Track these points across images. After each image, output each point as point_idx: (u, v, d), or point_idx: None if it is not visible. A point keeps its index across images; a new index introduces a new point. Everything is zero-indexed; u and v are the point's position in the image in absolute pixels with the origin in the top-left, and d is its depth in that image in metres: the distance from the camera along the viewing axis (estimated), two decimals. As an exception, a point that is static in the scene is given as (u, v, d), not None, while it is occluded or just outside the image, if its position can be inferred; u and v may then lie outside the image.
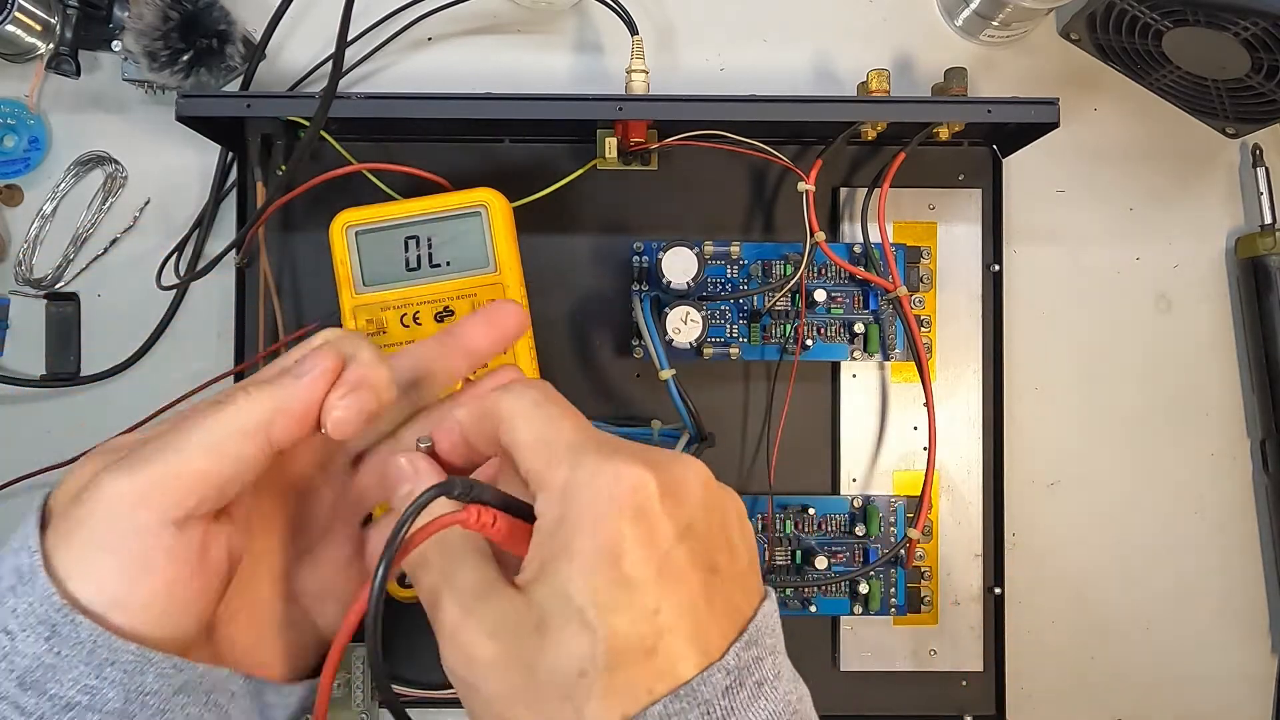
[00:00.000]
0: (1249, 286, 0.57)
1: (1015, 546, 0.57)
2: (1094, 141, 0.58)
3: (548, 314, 0.54)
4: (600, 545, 0.25)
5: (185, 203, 0.56)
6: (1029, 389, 0.57)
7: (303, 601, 0.33)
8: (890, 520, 0.54)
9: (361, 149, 0.52)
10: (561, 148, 0.55)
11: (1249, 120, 0.56)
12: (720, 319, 0.53)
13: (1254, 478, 0.58)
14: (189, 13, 0.52)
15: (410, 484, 0.30)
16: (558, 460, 0.26)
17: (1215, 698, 0.58)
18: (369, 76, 0.57)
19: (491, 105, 0.48)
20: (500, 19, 0.57)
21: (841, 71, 0.58)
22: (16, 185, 0.56)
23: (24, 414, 0.56)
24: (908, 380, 0.55)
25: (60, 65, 0.54)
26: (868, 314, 0.53)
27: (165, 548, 0.27)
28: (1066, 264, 0.58)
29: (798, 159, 0.53)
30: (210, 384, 0.54)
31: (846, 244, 0.54)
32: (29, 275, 0.56)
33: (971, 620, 0.55)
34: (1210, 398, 0.58)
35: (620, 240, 0.55)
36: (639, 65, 0.52)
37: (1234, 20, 0.47)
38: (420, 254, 0.47)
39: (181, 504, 0.27)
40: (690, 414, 0.49)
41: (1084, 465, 0.58)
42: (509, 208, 0.48)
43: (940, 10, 0.58)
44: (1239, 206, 0.59)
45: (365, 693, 0.53)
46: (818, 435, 0.56)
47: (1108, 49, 0.56)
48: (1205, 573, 0.58)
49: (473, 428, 0.30)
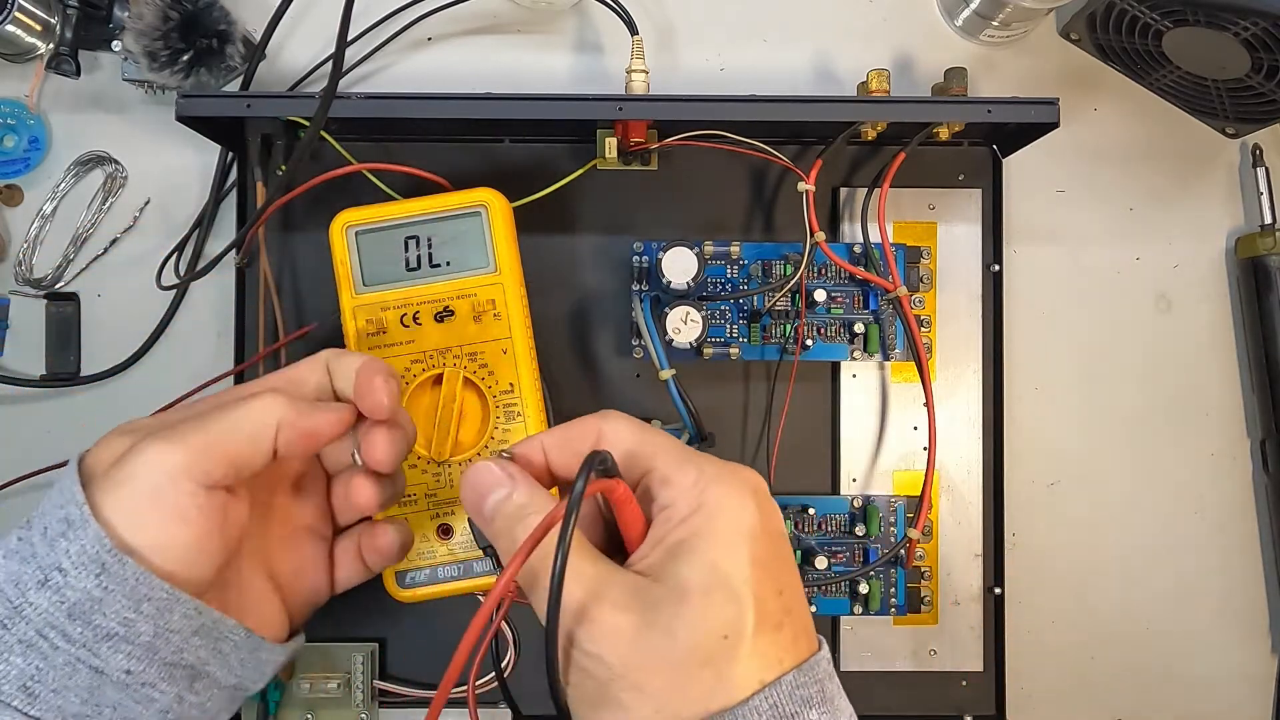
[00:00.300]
0: (1249, 286, 0.57)
1: (1015, 546, 0.57)
2: (1094, 141, 0.58)
3: (548, 314, 0.54)
4: (741, 528, 0.29)
5: (185, 203, 0.56)
6: (1029, 389, 0.57)
7: (278, 580, 0.39)
8: (890, 520, 0.54)
9: (361, 149, 0.51)
10: (561, 148, 0.55)
11: (1249, 120, 0.56)
12: (720, 319, 0.53)
13: (1254, 478, 0.58)
14: (189, 13, 0.52)
15: (507, 488, 0.31)
16: (685, 460, 0.30)
17: (1215, 698, 0.58)
18: (369, 76, 0.57)
19: (491, 105, 0.48)
20: (500, 19, 0.57)
21: (841, 71, 0.58)
22: (16, 185, 0.56)
23: (24, 414, 0.56)
24: (908, 380, 0.55)
25: (60, 65, 0.54)
26: (868, 314, 0.53)
27: (198, 506, 0.32)
28: (1066, 264, 0.58)
29: (798, 159, 0.53)
30: (210, 384, 0.54)
31: (846, 244, 0.54)
32: (29, 275, 0.56)
33: (971, 620, 0.55)
34: (1210, 398, 0.58)
35: (620, 240, 0.55)
36: (639, 65, 0.52)
37: (1234, 20, 0.47)
38: (420, 254, 0.47)
39: (211, 474, 0.33)
40: (690, 414, 0.49)
41: (1084, 465, 0.58)
42: (509, 208, 0.48)
43: (940, 10, 0.58)
44: (1239, 206, 0.59)
45: (365, 693, 0.53)
46: (818, 435, 0.56)
47: (1108, 49, 0.56)
48: (1205, 573, 0.58)
49: (562, 447, 0.33)
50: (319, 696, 0.53)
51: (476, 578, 0.46)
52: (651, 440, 0.32)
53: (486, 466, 0.31)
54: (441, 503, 0.46)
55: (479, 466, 0.32)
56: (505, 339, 0.47)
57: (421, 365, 0.46)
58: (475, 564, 0.46)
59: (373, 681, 0.54)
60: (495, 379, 0.46)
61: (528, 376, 0.47)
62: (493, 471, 0.31)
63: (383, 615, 0.55)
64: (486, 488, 0.31)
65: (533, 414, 0.46)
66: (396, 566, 0.46)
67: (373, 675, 0.54)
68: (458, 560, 0.46)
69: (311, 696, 0.53)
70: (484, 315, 0.47)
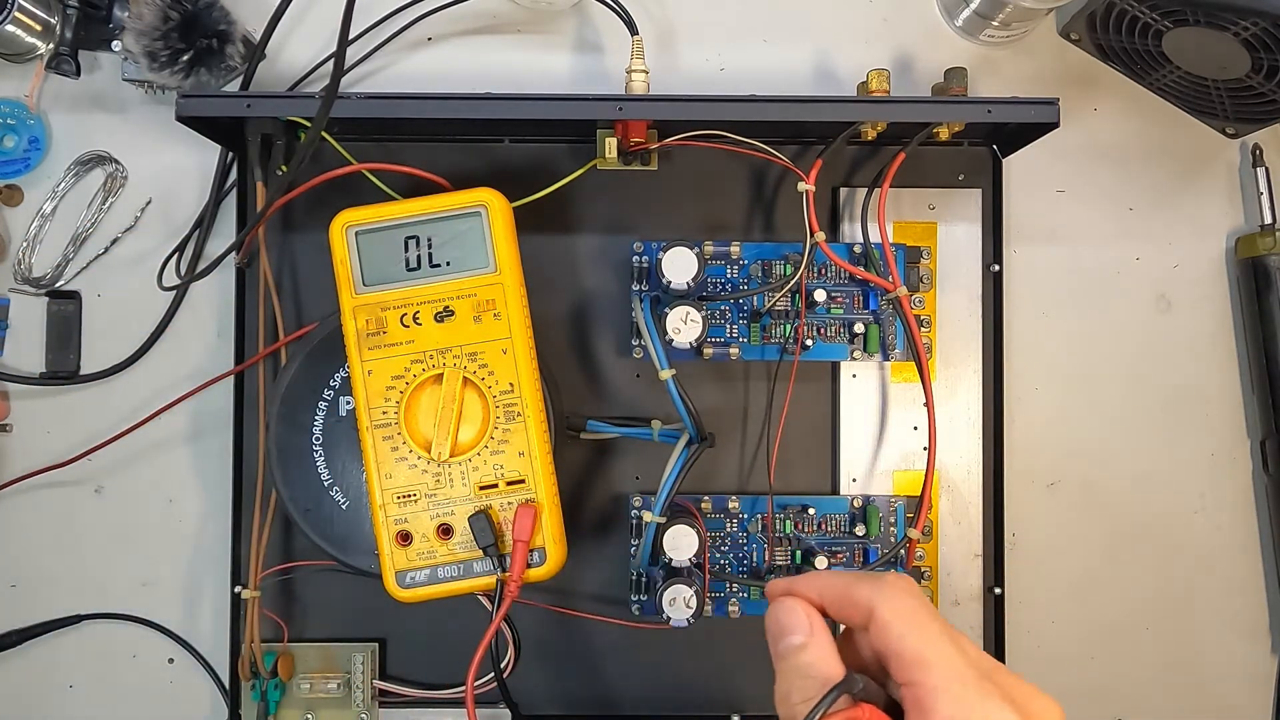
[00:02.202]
0: (1249, 286, 0.57)
1: (1015, 546, 0.57)
2: (1094, 141, 0.58)
3: (548, 314, 0.54)
4: None
5: (185, 203, 0.56)
6: (1029, 389, 0.57)
7: None
8: (890, 520, 0.54)
9: (361, 149, 0.51)
10: (561, 148, 0.55)
11: (1249, 120, 0.56)
12: (720, 319, 0.53)
13: (1254, 478, 0.58)
14: (189, 13, 0.52)
15: (803, 636, 0.30)
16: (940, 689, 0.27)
17: (1215, 698, 0.58)
18: (369, 76, 0.57)
19: (491, 105, 0.48)
20: (500, 19, 0.57)
21: (841, 71, 0.58)
22: (16, 185, 0.56)
23: (24, 413, 0.56)
24: (908, 380, 0.55)
25: (60, 65, 0.54)
26: (868, 314, 0.53)
27: None
28: (1066, 264, 0.58)
29: (798, 159, 0.53)
30: (210, 384, 0.54)
31: (846, 244, 0.54)
32: (28, 274, 0.56)
33: (971, 620, 0.55)
34: (1210, 398, 0.58)
35: (620, 240, 0.55)
36: (639, 65, 0.52)
37: (1234, 20, 0.47)
38: (420, 254, 0.47)
39: None
40: (690, 414, 0.49)
41: (1084, 465, 0.58)
42: (509, 208, 0.48)
43: (940, 10, 0.58)
44: (1239, 206, 0.59)
45: (365, 693, 0.53)
46: (818, 435, 0.56)
47: (1108, 49, 0.56)
48: (1205, 573, 0.58)
49: (832, 604, 0.31)
50: (319, 696, 0.53)
51: (476, 578, 0.46)
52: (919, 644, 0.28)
53: (793, 608, 0.31)
54: (441, 503, 0.46)
55: (789, 605, 0.31)
56: (505, 339, 0.47)
57: (421, 365, 0.46)
58: (475, 564, 0.46)
59: (373, 681, 0.54)
60: (495, 379, 0.46)
61: (528, 376, 0.47)
62: (798, 615, 0.31)
63: (383, 615, 0.55)
64: (787, 629, 0.31)
65: (533, 414, 0.46)
66: (396, 566, 0.46)
67: (373, 675, 0.54)
68: (458, 560, 0.46)
69: (311, 696, 0.53)
70: (484, 315, 0.47)
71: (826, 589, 0.31)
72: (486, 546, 0.45)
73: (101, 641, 0.56)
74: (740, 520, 0.54)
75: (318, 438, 0.49)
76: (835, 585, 0.31)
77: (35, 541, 0.56)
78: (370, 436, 0.46)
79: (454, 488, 0.46)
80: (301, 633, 0.55)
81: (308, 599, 0.55)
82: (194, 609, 0.56)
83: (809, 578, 0.32)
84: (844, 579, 0.31)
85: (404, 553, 0.46)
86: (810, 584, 0.32)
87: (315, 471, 0.49)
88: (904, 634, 0.28)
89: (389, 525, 0.46)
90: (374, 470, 0.46)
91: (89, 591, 0.56)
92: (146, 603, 0.56)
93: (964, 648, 0.28)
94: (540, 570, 0.46)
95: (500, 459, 0.46)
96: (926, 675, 0.27)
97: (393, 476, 0.46)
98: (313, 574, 0.54)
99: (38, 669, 0.56)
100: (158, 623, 0.56)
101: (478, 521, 0.45)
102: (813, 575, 0.32)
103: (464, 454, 0.46)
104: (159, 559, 0.56)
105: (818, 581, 0.31)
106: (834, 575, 0.32)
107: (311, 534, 0.49)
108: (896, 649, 0.28)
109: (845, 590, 0.30)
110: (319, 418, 0.50)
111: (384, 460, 0.46)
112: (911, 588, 0.30)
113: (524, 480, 0.46)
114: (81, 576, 0.56)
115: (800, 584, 0.32)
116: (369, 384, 0.46)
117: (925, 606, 0.29)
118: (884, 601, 0.29)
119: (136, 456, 0.56)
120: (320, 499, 0.49)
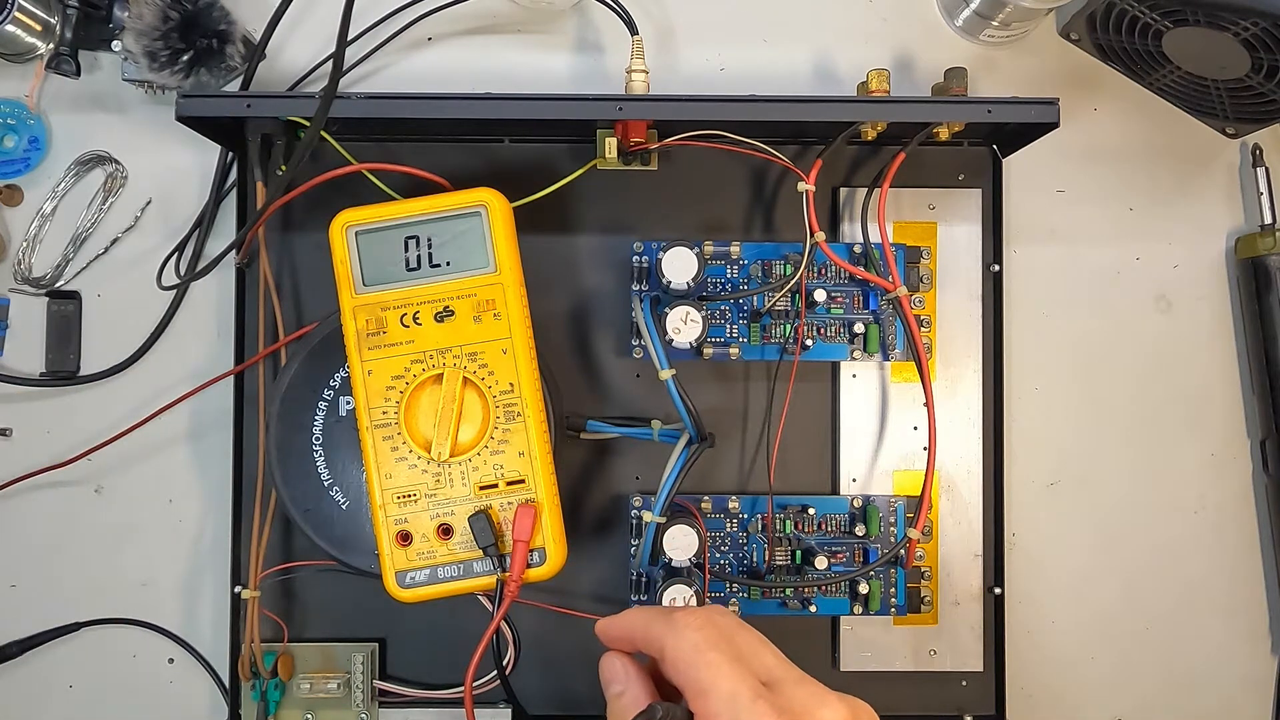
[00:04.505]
0: (1249, 286, 0.57)
1: (1015, 546, 0.57)
2: (1094, 141, 0.58)
3: (548, 314, 0.54)
4: None
5: (185, 203, 0.56)
6: (1029, 389, 0.57)
7: None
8: (890, 520, 0.54)
9: (361, 149, 0.51)
10: (561, 148, 0.55)
11: (1249, 120, 0.56)
12: (720, 319, 0.53)
13: (1254, 478, 0.58)
14: (189, 13, 0.52)
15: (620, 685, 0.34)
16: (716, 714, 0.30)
17: (1215, 698, 0.58)
18: (369, 76, 0.57)
19: (491, 105, 0.48)
20: (500, 19, 0.57)
21: (841, 71, 0.58)
22: (16, 185, 0.56)
23: (24, 413, 0.56)
24: (908, 380, 0.55)
25: (60, 65, 0.54)
26: (868, 314, 0.53)
27: None
28: (1066, 264, 0.58)
29: (798, 159, 0.53)
30: (210, 384, 0.54)
31: (846, 244, 0.54)
32: (28, 274, 0.56)
33: (971, 620, 0.55)
34: (1210, 398, 0.58)
35: (620, 240, 0.55)
36: (639, 65, 0.52)
37: (1234, 20, 0.47)
38: (420, 254, 0.47)
39: None
40: (690, 414, 0.49)
41: (1084, 465, 0.58)
42: (509, 208, 0.48)
43: (940, 10, 0.58)
44: (1239, 206, 0.59)
45: (365, 693, 0.53)
46: (818, 435, 0.56)
47: (1108, 49, 0.56)
48: (1205, 573, 0.58)
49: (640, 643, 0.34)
50: (319, 696, 0.53)
51: (476, 578, 0.46)
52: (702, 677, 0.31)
53: (611, 661, 0.34)
54: (441, 503, 0.46)
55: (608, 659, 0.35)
56: (505, 339, 0.47)
57: (421, 365, 0.46)
58: (475, 564, 0.46)
59: (373, 681, 0.54)
60: (495, 379, 0.46)
61: (528, 376, 0.47)
62: (615, 667, 0.34)
63: (383, 615, 0.55)
64: (608, 680, 0.34)
65: (533, 414, 0.46)
66: (396, 566, 0.46)
67: (373, 675, 0.54)
68: (458, 560, 0.46)
69: (311, 696, 0.53)
70: (484, 315, 0.47)
71: (633, 629, 0.34)
72: (486, 546, 0.45)
73: (101, 642, 0.56)
74: (740, 520, 0.54)
75: (317, 438, 0.49)
76: (636, 626, 0.34)
77: (35, 541, 0.56)
78: (370, 436, 0.46)
79: (454, 488, 0.46)
80: (301, 633, 0.55)
81: (307, 599, 0.55)
82: (194, 609, 0.56)
83: (621, 619, 0.35)
84: (644, 619, 0.34)
85: (404, 553, 0.46)
86: (621, 625, 0.35)
87: (315, 471, 0.49)
88: (685, 668, 0.31)
89: (389, 525, 0.46)
90: (374, 470, 0.46)
91: (89, 592, 0.56)
92: (146, 603, 0.56)
93: (749, 669, 0.31)
94: (540, 570, 0.46)
95: (500, 459, 0.46)
96: (705, 703, 0.30)
97: (393, 476, 0.46)
98: (312, 574, 0.54)
99: (38, 669, 0.56)
100: (157, 624, 0.56)
101: (478, 521, 0.45)
102: (625, 616, 0.35)
103: (464, 454, 0.46)
104: (159, 559, 0.56)
105: (624, 623, 0.35)
106: (638, 615, 0.35)
107: (311, 534, 0.49)
108: (681, 682, 0.31)
109: (644, 631, 0.34)
110: (319, 418, 0.50)
111: (384, 460, 0.46)
112: (702, 622, 0.32)
113: (524, 480, 0.46)
114: (81, 577, 0.56)
115: (614, 626, 0.35)
116: (369, 384, 0.46)
117: (710, 638, 0.32)
118: (670, 640, 0.32)
119: (136, 457, 0.56)
120: (320, 499, 0.49)
